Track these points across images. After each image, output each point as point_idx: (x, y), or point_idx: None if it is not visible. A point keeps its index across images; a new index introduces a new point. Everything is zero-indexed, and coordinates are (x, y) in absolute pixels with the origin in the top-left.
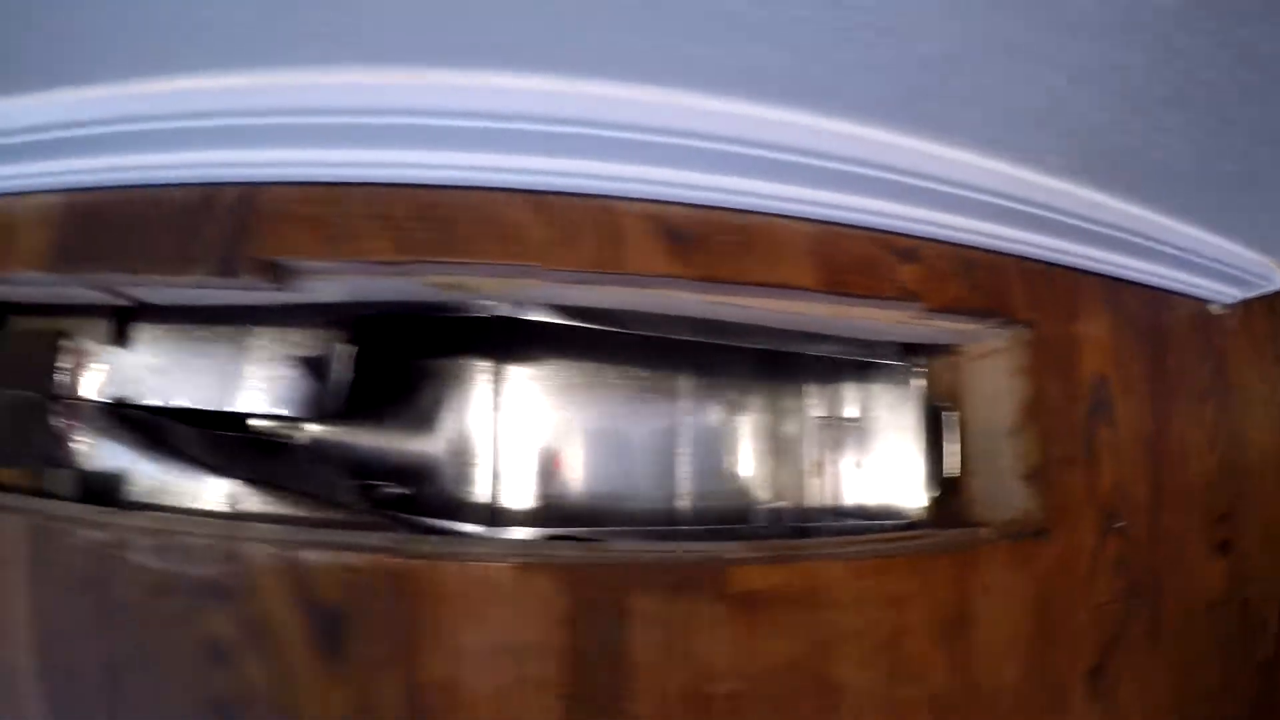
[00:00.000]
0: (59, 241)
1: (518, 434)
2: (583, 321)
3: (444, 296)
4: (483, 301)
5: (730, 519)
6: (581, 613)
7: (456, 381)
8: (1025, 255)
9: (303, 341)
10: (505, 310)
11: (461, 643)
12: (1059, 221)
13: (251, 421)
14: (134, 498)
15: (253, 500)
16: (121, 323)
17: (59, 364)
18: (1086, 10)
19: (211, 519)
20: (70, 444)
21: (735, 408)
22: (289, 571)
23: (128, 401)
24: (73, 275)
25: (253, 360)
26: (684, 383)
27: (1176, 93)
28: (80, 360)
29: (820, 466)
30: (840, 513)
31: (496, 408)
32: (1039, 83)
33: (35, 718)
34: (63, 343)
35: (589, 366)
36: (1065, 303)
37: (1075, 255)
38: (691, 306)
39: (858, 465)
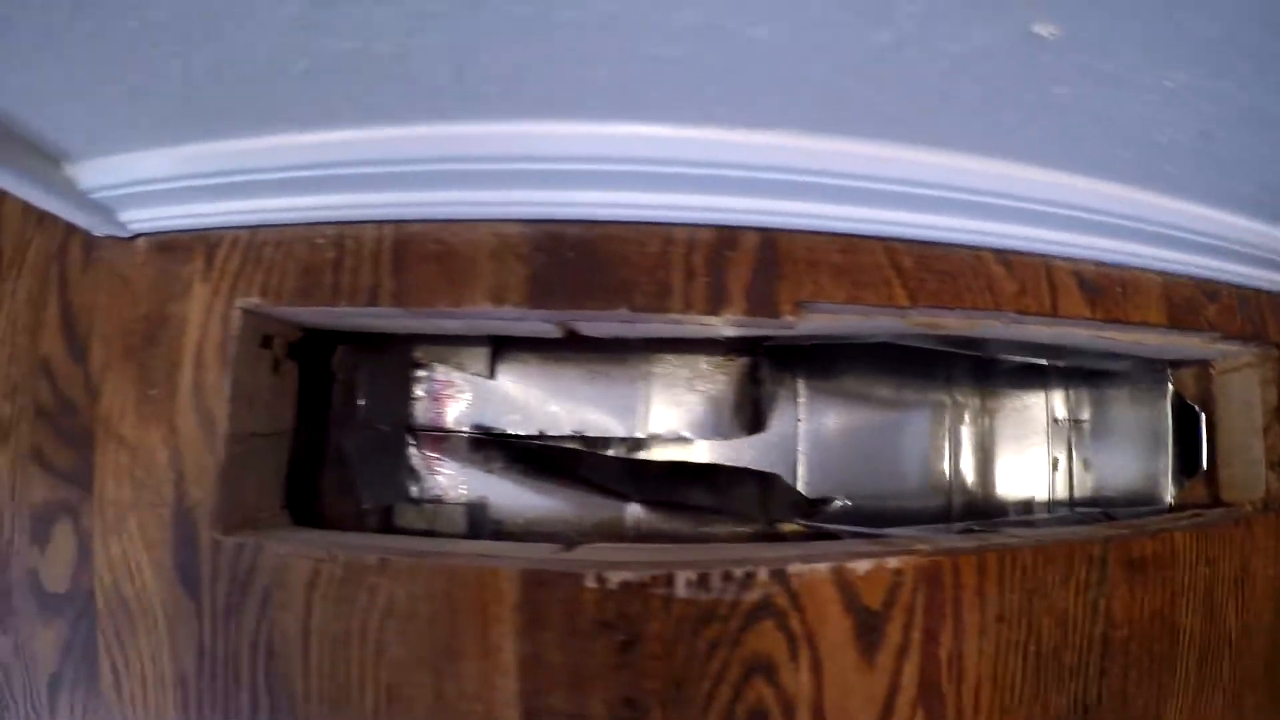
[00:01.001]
0: (532, 276)
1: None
2: (960, 349)
3: (913, 331)
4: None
5: (991, 512)
6: (1055, 582)
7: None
8: (1275, 292)
9: (705, 367)
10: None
11: (966, 620)
12: None
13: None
14: (507, 529)
15: (655, 520)
16: (495, 352)
17: (418, 395)
18: None
19: (718, 547)
20: (432, 476)
21: (989, 413)
22: (837, 581)
23: (495, 430)
24: (544, 311)
25: (661, 385)
26: (948, 394)
27: None
28: (443, 390)
29: (1060, 462)
30: (1078, 503)
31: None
32: None
33: None
34: (421, 374)
35: (891, 381)
36: None
37: None
38: (1079, 339)
39: (1087, 463)
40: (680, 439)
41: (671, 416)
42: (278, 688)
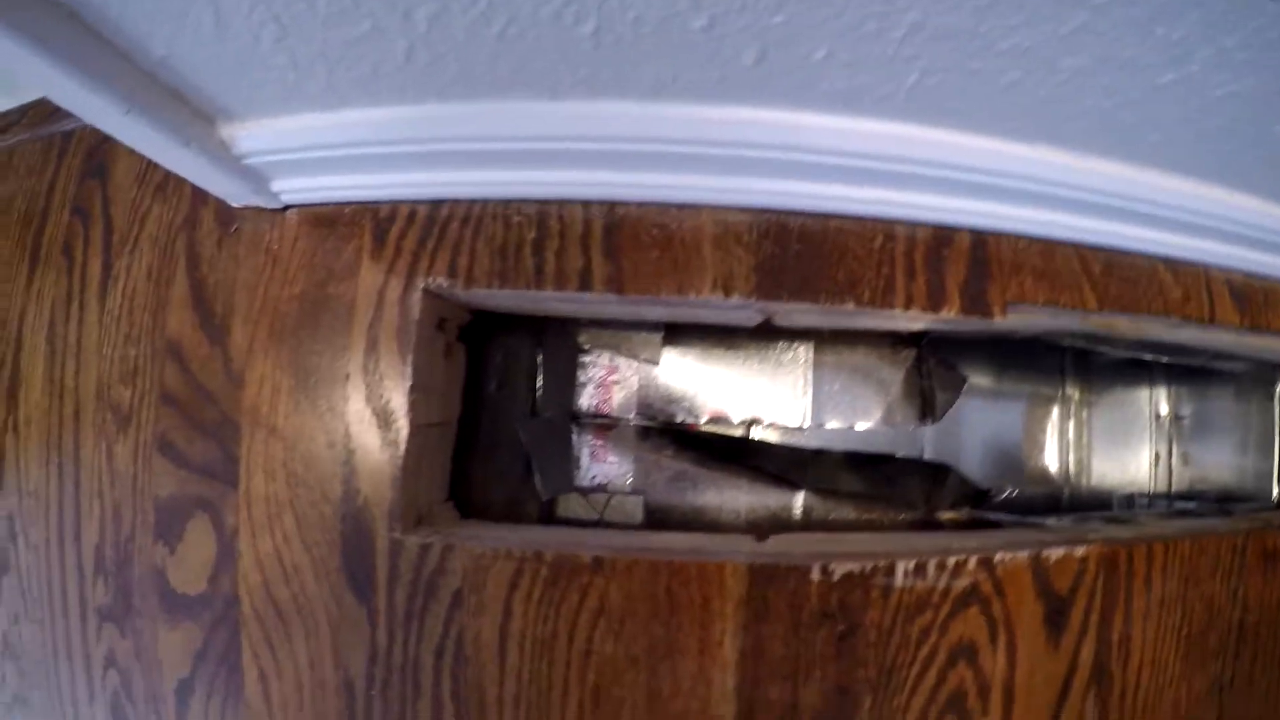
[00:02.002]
0: (758, 265)
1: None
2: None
3: (1087, 330)
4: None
5: (1096, 504)
6: (1205, 570)
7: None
8: None
9: (874, 358)
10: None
11: (1134, 605)
12: None
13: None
14: (674, 518)
15: (820, 509)
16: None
17: (583, 381)
18: None
19: (922, 537)
20: (597, 465)
21: (1097, 407)
22: (1034, 568)
23: (662, 418)
24: (768, 302)
25: (830, 375)
26: (1060, 388)
27: None
28: (609, 377)
29: (1161, 457)
30: (1175, 497)
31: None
32: None
33: None
34: (586, 359)
35: (1009, 374)
36: None
37: None
38: (1223, 343)
39: (1185, 458)
40: (849, 429)
41: (844, 406)
42: (465, 694)
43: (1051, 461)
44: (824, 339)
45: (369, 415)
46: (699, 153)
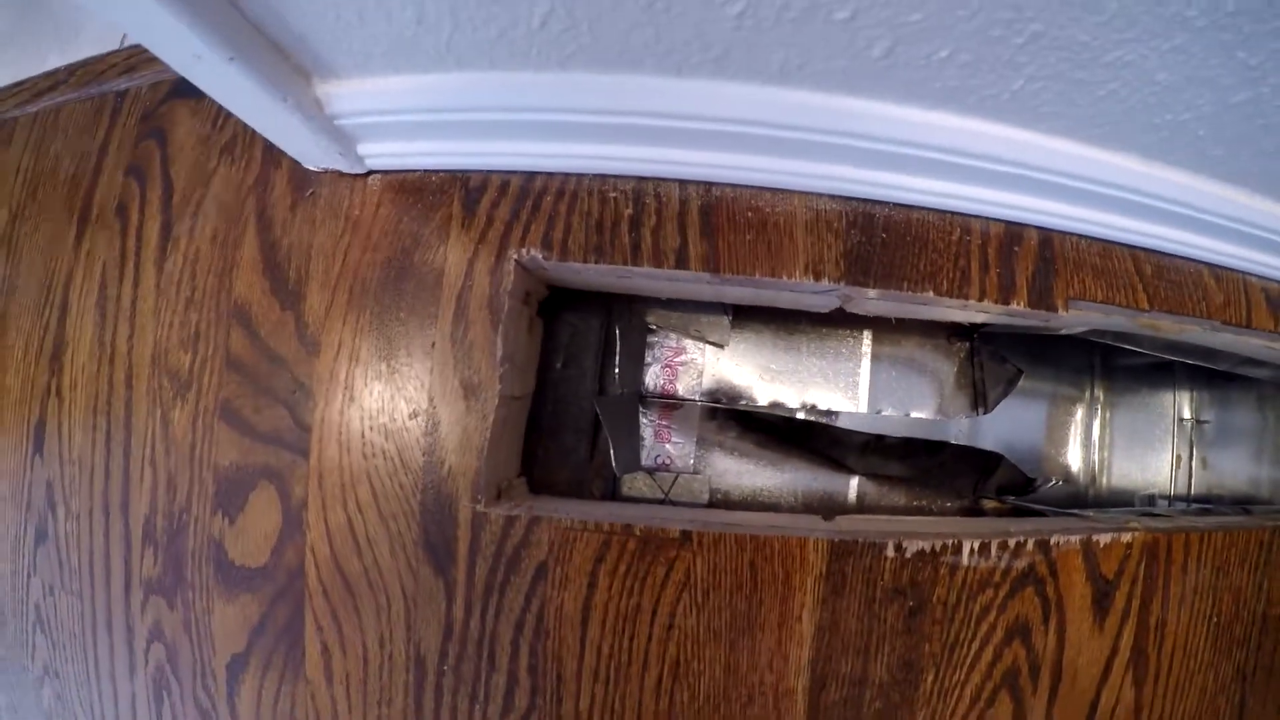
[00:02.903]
0: (846, 252)
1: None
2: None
3: (1134, 330)
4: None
5: (1119, 502)
6: (1235, 562)
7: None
8: None
9: (931, 349)
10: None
11: (1172, 591)
12: None
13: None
14: (735, 498)
15: (874, 493)
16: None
17: (650, 361)
18: None
19: (981, 521)
20: (662, 444)
21: (1123, 409)
22: (1085, 552)
23: (727, 400)
24: (854, 288)
25: (888, 364)
26: (1089, 389)
27: None
28: (676, 358)
29: (1182, 460)
30: (1194, 499)
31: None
32: None
33: None
34: (655, 340)
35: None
36: None
37: None
38: (1253, 347)
39: (1205, 462)
40: (906, 416)
41: (900, 394)
42: (543, 668)
43: (1075, 459)
44: (882, 329)
45: (456, 385)
46: (803, 138)
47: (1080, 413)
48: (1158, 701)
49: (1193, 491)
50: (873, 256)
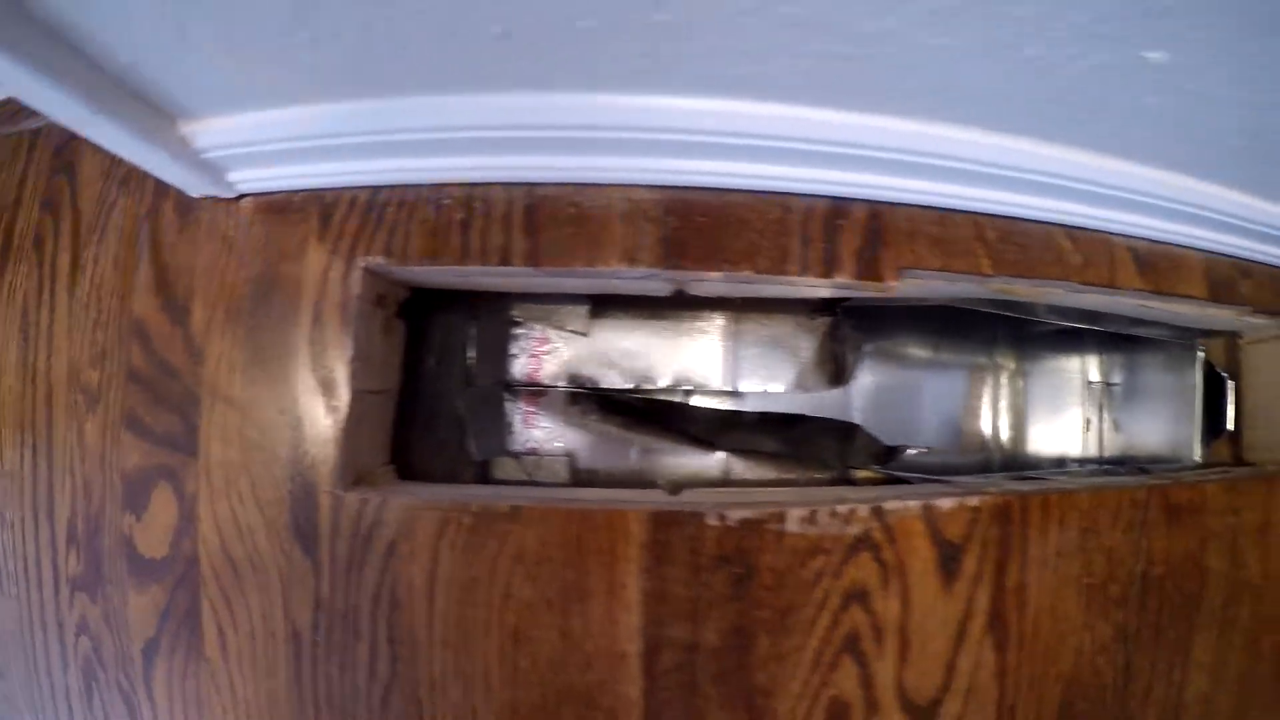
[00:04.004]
0: (663, 238)
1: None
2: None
3: (990, 296)
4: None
5: (1027, 468)
6: (1106, 523)
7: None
8: None
9: (791, 326)
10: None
11: (1030, 554)
12: None
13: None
14: (601, 479)
15: (741, 469)
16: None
17: (515, 352)
18: None
19: (819, 489)
20: (529, 430)
21: (1027, 375)
22: (925, 516)
23: (590, 384)
24: (672, 272)
25: (749, 342)
26: (989, 356)
27: None
28: (540, 348)
29: (1093, 423)
30: (1107, 461)
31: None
32: None
33: (634, 695)
34: (519, 331)
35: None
36: None
37: None
38: (1127, 308)
39: (1116, 424)
40: (767, 392)
41: (760, 371)
42: (399, 638)
43: (984, 427)
44: (742, 309)
45: (314, 383)
46: (610, 137)
47: (988, 381)
48: (1025, 663)
49: (1106, 454)
50: (689, 240)
